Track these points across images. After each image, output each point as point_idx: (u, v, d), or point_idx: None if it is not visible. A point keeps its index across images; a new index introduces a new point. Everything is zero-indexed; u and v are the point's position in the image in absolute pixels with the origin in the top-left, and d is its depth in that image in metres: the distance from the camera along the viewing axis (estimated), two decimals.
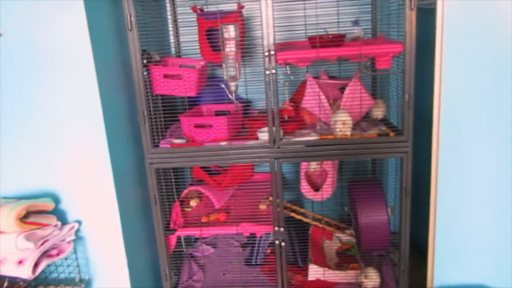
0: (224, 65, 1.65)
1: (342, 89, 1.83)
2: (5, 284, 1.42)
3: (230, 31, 1.60)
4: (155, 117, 1.70)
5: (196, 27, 1.84)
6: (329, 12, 1.78)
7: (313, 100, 1.74)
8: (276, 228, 1.75)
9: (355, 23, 1.89)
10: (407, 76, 1.53)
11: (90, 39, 1.47)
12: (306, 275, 1.90)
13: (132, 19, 1.54)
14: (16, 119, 1.55)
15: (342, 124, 1.62)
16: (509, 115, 1.51)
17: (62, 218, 1.59)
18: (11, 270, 1.38)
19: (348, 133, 1.63)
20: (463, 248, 1.67)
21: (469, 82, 1.51)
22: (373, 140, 1.62)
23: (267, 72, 1.57)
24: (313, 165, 1.87)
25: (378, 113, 1.78)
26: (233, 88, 1.69)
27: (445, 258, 1.68)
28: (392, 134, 1.63)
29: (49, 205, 1.55)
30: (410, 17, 1.47)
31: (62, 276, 1.60)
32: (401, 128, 1.60)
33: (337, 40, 1.64)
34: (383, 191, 1.81)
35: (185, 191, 2.00)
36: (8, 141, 1.58)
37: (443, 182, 1.61)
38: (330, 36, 1.65)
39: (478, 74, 1.50)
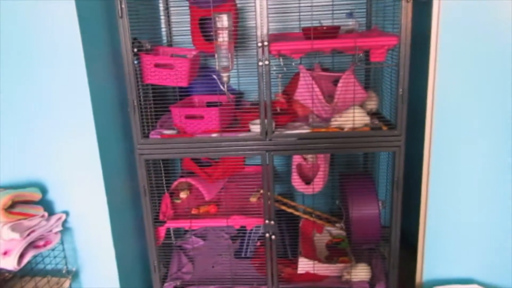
0: (216, 55, 1.62)
1: (335, 82, 1.81)
2: None
3: (223, 21, 1.57)
4: (146, 107, 1.67)
5: (189, 16, 1.80)
6: (324, 4, 1.76)
7: (306, 92, 1.73)
8: (267, 221, 1.74)
9: (350, 15, 1.87)
10: (401, 70, 1.52)
11: (79, 26, 1.43)
12: (296, 268, 1.90)
13: (123, 6, 1.50)
14: (3, 108, 1.51)
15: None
16: (503, 110, 1.51)
17: (49, 209, 1.56)
18: None
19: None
20: (452, 243, 1.67)
21: (464, 76, 1.50)
22: (365, 134, 1.61)
23: (260, 63, 1.54)
24: (311, 155, 1.86)
25: (371, 105, 1.77)
26: (225, 79, 1.67)
27: (434, 252, 1.69)
28: (385, 128, 1.62)
29: (36, 195, 1.52)
30: (406, 10, 1.45)
31: (49, 267, 1.57)
32: (394, 122, 1.60)
33: (332, 32, 1.62)
34: (375, 185, 1.81)
35: (175, 183, 1.98)
36: None
37: (435, 176, 1.61)
38: (325, 27, 1.63)
39: (473, 68, 1.49)
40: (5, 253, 1.36)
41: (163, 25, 2.09)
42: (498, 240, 1.64)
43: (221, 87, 1.70)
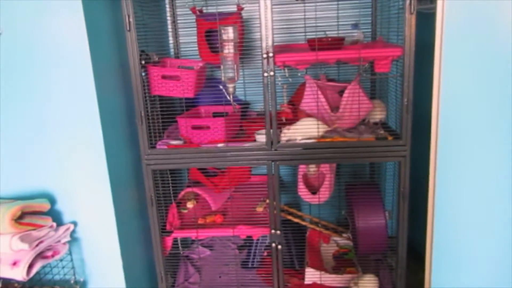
0: (222, 67, 1.64)
1: (341, 92, 1.82)
2: None
3: (229, 33, 1.60)
4: (153, 118, 1.69)
5: (195, 28, 1.83)
6: (329, 15, 1.78)
7: (312, 102, 1.74)
8: (273, 231, 1.74)
9: (355, 26, 1.89)
10: (406, 80, 1.52)
11: (88, 38, 1.46)
12: (303, 279, 1.89)
13: (131, 20, 1.53)
14: (13, 119, 1.54)
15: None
16: (508, 121, 1.51)
17: (57, 219, 1.57)
18: (5, 272, 1.37)
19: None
20: (460, 253, 1.66)
21: (468, 87, 1.50)
22: (371, 144, 1.62)
23: (265, 74, 1.56)
24: (312, 168, 1.87)
25: (380, 114, 1.76)
26: (231, 89, 1.69)
27: (442, 263, 1.68)
28: (390, 138, 1.62)
29: (45, 205, 1.53)
30: (410, 21, 1.47)
31: (57, 277, 1.58)
32: (399, 132, 1.60)
33: (337, 43, 1.63)
34: (381, 195, 1.81)
35: (182, 193, 1.99)
36: (4, 141, 1.56)
37: (441, 186, 1.60)
38: (329, 39, 1.65)
39: (477, 79, 1.49)
40: (14, 264, 1.37)
41: (170, 38, 2.12)
42: (506, 250, 1.63)
43: (227, 97, 1.72)
